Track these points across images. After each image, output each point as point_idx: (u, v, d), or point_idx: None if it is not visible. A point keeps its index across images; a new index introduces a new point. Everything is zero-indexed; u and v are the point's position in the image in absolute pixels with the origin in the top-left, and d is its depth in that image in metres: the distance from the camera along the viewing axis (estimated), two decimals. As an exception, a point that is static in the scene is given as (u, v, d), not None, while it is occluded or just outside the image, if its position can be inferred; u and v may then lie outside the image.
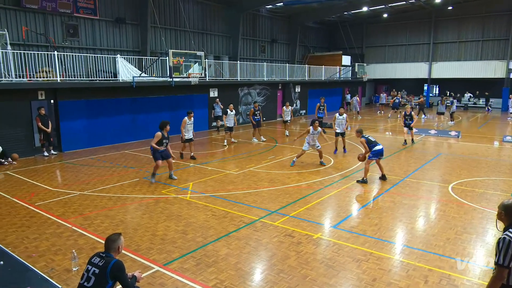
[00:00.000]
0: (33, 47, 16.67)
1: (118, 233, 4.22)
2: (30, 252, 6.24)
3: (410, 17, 34.86)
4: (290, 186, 10.11)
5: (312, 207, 8.44)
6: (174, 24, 23.02)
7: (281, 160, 13.35)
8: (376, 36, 37.43)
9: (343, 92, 34.36)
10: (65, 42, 18.05)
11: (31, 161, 13.36)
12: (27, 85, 13.77)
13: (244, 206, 8.49)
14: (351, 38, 34.11)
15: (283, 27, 32.33)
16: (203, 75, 17.91)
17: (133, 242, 6.64)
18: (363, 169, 10.80)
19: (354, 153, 14.51)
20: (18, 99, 13.60)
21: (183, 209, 8.34)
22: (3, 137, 13.18)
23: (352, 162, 12.88)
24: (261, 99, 24.92)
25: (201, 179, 10.82)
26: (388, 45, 36.94)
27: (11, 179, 10.97)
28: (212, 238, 6.80)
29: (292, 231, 7.07)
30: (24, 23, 16.53)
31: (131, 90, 16.56)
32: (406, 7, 32.77)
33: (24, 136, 13.94)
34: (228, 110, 16.25)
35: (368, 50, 38.11)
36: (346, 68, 32.90)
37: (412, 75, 35.91)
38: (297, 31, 32.56)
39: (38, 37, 17.03)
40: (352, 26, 35.37)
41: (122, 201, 8.96)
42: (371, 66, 36.66)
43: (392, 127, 22.30)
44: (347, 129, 15.25)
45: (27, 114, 14.02)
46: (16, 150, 13.48)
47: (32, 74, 14.45)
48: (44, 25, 17.25)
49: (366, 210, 8.32)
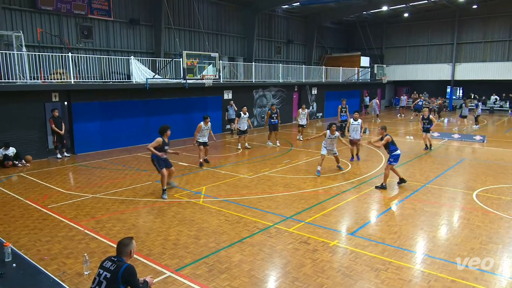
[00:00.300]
0: (47, 48, 17.08)
1: (130, 237, 4.26)
2: (42, 255, 6.36)
3: (432, 17, 34.39)
4: (306, 191, 10.06)
5: (328, 213, 8.37)
6: (188, 25, 23.27)
7: (296, 164, 13.30)
8: (396, 36, 37.05)
9: (361, 94, 34.07)
10: (79, 44, 18.44)
11: (44, 163, 13.65)
12: (41, 87, 14.10)
13: (258, 211, 8.48)
14: (370, 38, 33.83)
15: (300, 27, 32.30)
16: (217, 77, 18.01)
17: (145, 246, 6.71)
18: (382, 174, 10.67)
19: (372, 157, 14.37)
20: (32, 101, 13.93)
21: (196, 213, 8.39)
22: (17, 139, 13.51)
23: (371, 167, 12.74)
24: (277, 101, 24.91)
25: (214, 183, 10.86)
26: (409, 45, 36.50)
27: (24, 181, 11.23)
28: (225, 243, 6.81)
29: (307, 238, 7.03)
30: (39, 25, 16.96)
31: (144, 92, 16.78)
32: (428, 6, 32.34)
33: (38, 138, 14.25)
34: (241, 113, 16.11)
35: (388, 51, 37.73)
36: (364, 70, 32.63)
37: (434, 77, 35.37)
38: (314, 32, 32.47)
39: (52, 38, 17.45)
40: (371, 26, 35.09)
41: (134, 204, 9.07)
42: (391, 68, 36.26)
43: (414, 131, 21.98)
44: (365, 133, 15.00)
45: (41, 116, 14.34)
46: (29, 152, 13.79)
47: (46, 76, 14.79)
48: (59, 26, 17.66)
49: (385, 217, 8.21)
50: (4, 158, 12.89)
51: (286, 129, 22.70)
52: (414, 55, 36.43)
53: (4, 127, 13.26)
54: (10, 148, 13.02)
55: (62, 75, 14.86)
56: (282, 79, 25.18)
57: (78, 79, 15.45)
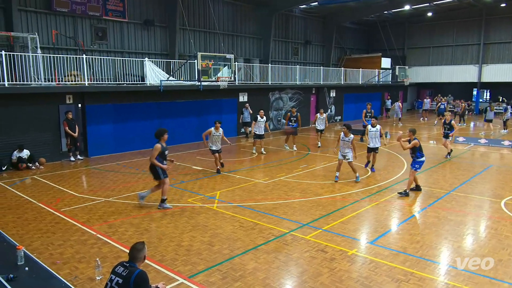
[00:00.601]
0: (62, 50, 17.48)
1: (142, 242, 4.30)
2: (55, 259, 6.48)
3: (457, 16, 33.84)
4: (324, 197, 9.99)
5: (347, 220, 8.30)
6: (204, 26, 23.48)
7: (314, 169, 13.23)
8: (419, 36, 36.58)
9: (382, 97, 33.74)
10: (94, 45, 18.82)
11: (57, 166, 13.93)
12: (56, 89, 14.43)
13: (273, 218, 8.46)
14: (391, 39, 33.50)
15: (318, 27, 32.23)
16: (232, 79, 18.11)
17: (158, 252, 6.76)
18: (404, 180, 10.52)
19: (393, 162, 14.18)
20: (46, 103, 14.26)
21: (210, 219, 8.42)
22: (31, 142, 13.83)
23: (391, 173, 12.57)
24: (293, 104, 24.86)
25: (229, 188, 10.89)
26: (433, 46, 35.99)
27: (38, 184, 11.48)
28: (239, 250, 6.81)
29: (325, 246, 6.97)
30: (54, 27, 17.38)
31: (158, 94, 16.99)
32: (453, 5, 31.84)
33: (52, 141, 14.57)
34: (258, 116, 15.96)
35: (410, 51, 37.29)
36: (385, 71, 32.31)
37: (460, 79, 34.75)
38: (333, 32, 32.36)
39: (67, 40, 17.86)
40: (392, 26, 34.76)
41: (147, 209, 9.16)
42: (414, 69, 35.80)
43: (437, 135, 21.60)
44: (386, 137, 14.61)
45: (55, 118, 14.66)
46: (43, 154, 14.11)
47: (60, 78, 15.13)
48: (74, 28, 18.07)
49: (407, 226, 8.08)
50: (18, 161, 13.22)
51: (303, 133, 22.62)
52: (438, 56, 35.90)
53: (19, 129, 13.60)
54: (24, 151, 13.35)
55: (76, 77, 15.18)
56: (299, 81, 25.14)
57: (92, 81, 15.75)
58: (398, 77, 31.29)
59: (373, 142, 12.78)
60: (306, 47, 31.51)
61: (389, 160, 14.62)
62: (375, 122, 12.98)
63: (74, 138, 14.64)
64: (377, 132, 12.76)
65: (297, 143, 17.34)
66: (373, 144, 12.79)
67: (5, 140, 13.26)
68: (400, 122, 27.05)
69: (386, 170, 13.08)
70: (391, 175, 12.28)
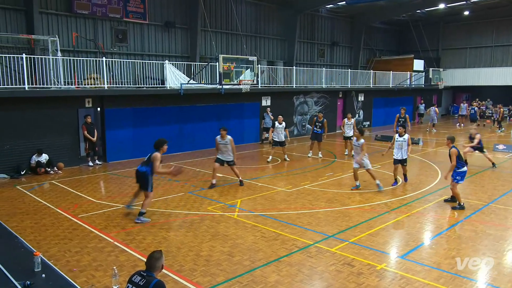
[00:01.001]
0: (82, 53, 17.99)
1: (160, 251, 4.35)
2: (72, 266, 6.62)
3: (497, 14, 32.95)
4: (351, 207, 9.87)
5: (375, 232, 8.16)
6: (226, 27, 23.72)
7: (340, 177, 13.10)
8: (455, 37, 35.84)
9: (414, 101, 33.16)
10: (114, 48, 19.29)
11: (76, 171, 14.29)
12: (75, 92, 14.87)
13: (297, 228, 8.41)
14: (424, 39, 32.93)
15: (345, 28, 32.05)
16: (255, 82, 18.18)
17: (176, 261, 6.82)
18: (438, 190, 10.28)
19: (426, 170, 13.89)
20: (65, 106, 14.68)
21: (230, 228, 8.44)
22: (50, 146, 14.25)
23: (424, 182, 12.31)
24: (319, 108, 24.73)
25: (250, 196, 10.90)
26: (470, 47, 35.18)
27: (56, 189, 11.81)
28: (260, 262, 6.79)
29: (351, 259, 6.88)
30: (75, 29, 17.92)
31: (178, 97, 17.22)
32: (493, 3, 31.01)
33: (70, 145, 14.97)
34: (276, 123, 15.79)
35: (445, 53, 36.57)
36: (418, 74, 31.78)
37: (500, 82, 33.76)
38: (361, 33, 32.10)
39: (87, 43, 18.37)
40: (426, 25, 34.18)
41: (165, 216, 9.27)
42: (449, 72, 35.03)
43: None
44: (418, 144, 14.23)
45: (74, 122, 15.07)
46: (61, 159, 14.50)
47: (80, 81, 15.56)
48: (94, 30, 18.58)
49: (441, 240, 7.88)
50: (37, 165, 13.63)
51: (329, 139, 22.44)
52: (475, 57, 35.05)
53: (38, 133, 14.04)
54: (43, 155, 13.76)
55: (95, 80, 15.57)
56: (325, 85, 25.02)
57: (111, 84, 16.12)
58: (432, 80, 30.69)
59: (400, 154, 11.85)
60: (333, 48, 31.35)
61: (422, 169, 14.32)
62: (402, 131, 12.00)
63: (92, 143, 15.00)
64: (405, 143, 11.84)
65: (323, 150, 17.20)
66: (400, 156, 11.86)
67: (24, 144, 13.71)
68: (434, 129, 26.47)
69: (418, 179, 12.82)
70: (424, 185, 12.02)
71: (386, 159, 15.64)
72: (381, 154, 12.39)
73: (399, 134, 12.00)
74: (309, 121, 23.84)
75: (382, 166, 14.65)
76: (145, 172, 8.87)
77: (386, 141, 20.05)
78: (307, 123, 24.15)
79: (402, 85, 30.47)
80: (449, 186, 10.15)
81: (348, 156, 16.87)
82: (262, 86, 21.30)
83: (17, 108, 13.49)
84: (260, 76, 20.93)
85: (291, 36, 26.99)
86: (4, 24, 15.99)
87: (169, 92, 17.00)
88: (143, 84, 16.92)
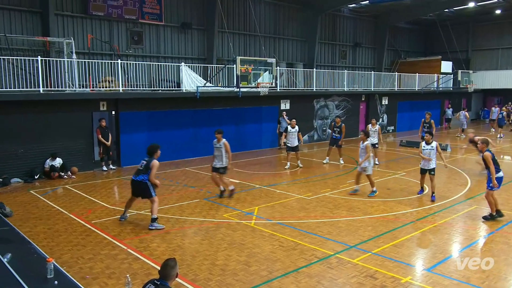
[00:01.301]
0: (97, 55, 18.35)
1: (174, 259, 4.37)
2: (84, 273, 6.72)
3: (531, 13, 32.30)
4: (374, 216, 9.75)
5: (400, 243, 8.04)
6: (243, 28, 23.86)
7: (362, 185, 12.95)
8: (485, 37, 35.23)
9: (441, 105, 32.67)
10: (129, 50, 19.62)
11: (89, 176, 14.53)
12: (90, 96, 15.14)
13: (317, 238, 8.36)
14: (453, 40, 32.44)
15: (369, 28, 31.85)
16: (273, 85, 18.20)
17: (191, 270, 6.84)
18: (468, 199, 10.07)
19: (455, 179, 13.63)
20: (80, 110, 14.97)
21: (247, 236, 8.44)
22: (64, 150, 14.54)
23: (453, 191, 12.07)
24: (341, 112, 24.59)
25: (268, 204, 10.88)
26: (502, 47, 34.50)
27: (69, 194, 12.02)
28: (278, 272, 6.76)
29: (374, 271, 6.79)
30: (90, 31, 18.31)
31: (194, 101, 17.37)
32: (527, 1, 30.44)
33: (84, 149, 15.24)
34: (289, 127, 15.72)
35: (475, 54, 35.97)
36: (446, 76, 31.31)
37: (535, 85, 33.01)
38: (386, 33, 31.86)
39: (102, 45, 18.73)
40: (454, 25, 33.71)
41: (180, 223, 9.33)
42: (479, 74, 34.38)
43: (508, 149, 20.55)
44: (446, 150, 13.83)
45: (88, 126, 15.34)
46: (75, 163, 14.77)
47: (95, 84, 15.86)
48: (109, 32, 18.94)
49: (470, 252, 7.70)
50: (51, 169, 13.91)
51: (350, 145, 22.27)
52: (508, 58, 34.34)
53: (51, 136, 14.33)
54: (56, 159, 14.04)
55: (110, 83, 15.84)
56: (347, 87, 24.87)
57: (126, 87, 16.37)
58: (461, 82, 30.17)
59: (428, 163, 11.33)
60: (355, 50, 31.18)
61: (450, 177, 14.06)
62: (429, 138, 11.37)
63: (107, 147, 15.23)
64: (433, 151, 11.25)
65: (344, 156, 17.06)
66: (428, 165, 11.32)
67: (37, 148, 14.02)
68: (464, 134, 25.96)
69: (446, 187, 12.59)
70: (452, 194, 11.79)
71: (411, 166, 15.45)
72: (444, 165, 11.83)
73: (426, 141, 11.48)
74: (329, 126, 23.72)
75: (407, 173, 14.45)
76: (143, 181, 8.91)
77: (412, 147, 19.79)
78: (328, 128, 24.03)
79: (429, 88, 30.06)
80: (483, 194, 9.91)
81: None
82: (281, 89, 21.31)
83: (32, 111, 13.81)
84: (279, 79, 20.95)
85: (311, 37, 26.97)
86: (20, 27, 16.47)
87: (185, 95, 17.16)
88: (158, 87, 17.13)
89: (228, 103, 19.04)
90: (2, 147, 13.29)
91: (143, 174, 8.89)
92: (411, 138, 22.47)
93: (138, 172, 9.00)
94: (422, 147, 11.47)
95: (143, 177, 8.88)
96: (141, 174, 8.91)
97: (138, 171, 9.01)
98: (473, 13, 33.35)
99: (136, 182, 8.99)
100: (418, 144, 16.16)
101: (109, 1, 18.38)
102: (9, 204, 10.31)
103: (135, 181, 9.00)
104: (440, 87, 30.94)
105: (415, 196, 11.53)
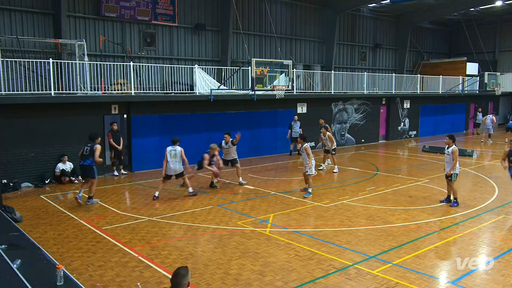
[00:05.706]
0: (109, 57, 18.60)
1: (186, 267, 4.38)
2: (94, 281, 6.79)
3: None
4: (395, 225, 9.64)
5: (423, 254, 7.93)
6: (259, 29, 23.94)
7: (383, 192, 12.84)
8: (514, 37, 34.72)
9: (467, 109, 32.21)
10: (141, 52, 19.85)
11: (100, 181, 14.65)
12: (101, 99, 15.33)
13: (334, 247, 8.30)
14: (479, 40, 32.04)
15: (389, 29, 31.67)
16: (290, 88, 18.17)
17: (203, 279, 6.86)
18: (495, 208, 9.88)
19: (481, 186, 13.40)
20: (91, 113, 15.15)
21: (261, 245, 8.42)
22: (74, 154, 14.69)
23: (479, 199, 11.86)
24: (360, 116, 24.43)
25: (284, 211, 10.85)
26: (532, 48, 33.95)
27: (80, 199, 12.18)
28: (294, 283, 6.73)
29: (395, 283, 6.70)
30: (102, 33, 18.59)
31: (208, 104, 17.44)
32: (558, -1, 29.90)
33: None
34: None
35: (503, 55, 35.47)
36: (472, 79, 30.89)
37: None
38: (407, 34, 31.64)
39: (114, 47, 19.00)
40: (481, 25, 33.32)
41: (192, 231, 9.36)
42: (507, 76, 33.81)
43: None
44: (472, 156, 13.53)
45: (99, 130, 15.44)
46: (86, 168, 14.94)
47: (106, 87, 16.06)
48: (122, 34, 19.21)
49: (498, 264, 7.55)
50: (61, 174, 14.12)
51: (370, 150, 22.12)
52: (538, 60, 33.76)
53: (62, 140, 14.52)
54: (67, 163, 14.24)
55: (122, 86, 16.02)
56: (367, 90, 24.71)
57: (138, 90, 16.54)
58: (488, 85, 29.71)
59: (448, 168, 11.07)
60: (376, 51, 31.00)
61: (476, 185, 13.83)
62: (449, 142, 11.08)
63: (118, 151, 15.39)
64: (449, 156, 11.05)
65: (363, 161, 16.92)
66: (446, 170, 11.12)
67: (48, 152, 14.22)
68: (490, 139, 25.54)
69: (472, 195, 12.38)
70: (478, 202, 11.58)
71: (435, 172, 15.25)
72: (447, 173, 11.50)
73: (448, 145, 11.23)
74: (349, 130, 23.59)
75: (431, 180, 14.27)
76: (90, 164, 11.10)
77: (435, 152, 19.56)
78: (346, 132, 23.90)
79: (454, 91, 29.67)
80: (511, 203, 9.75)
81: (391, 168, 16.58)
82: (297, 92, 21.28)
83: (43, 114, 14.03)
84: (296, 81, 20.93)
85: (329, 38, 26.91)
86: (32, 28, 16.82)
87: (199, 98, 17.26)
88: (171, 90, 17.26)
89: (243, 107, 19.09)
90: (13, 151, 13.53)
91: (89, 158, 10.96)
92: (435, 143, 22.22)
93: (84, 157, 11.07)
94: (445, 152, 11.37)
95: (90, 161, 10.96)
96: (87, 158, 10.98)
97: (84, 156, 11.09)
98: (500, 13, 32.91)
99: (84, 166, 11.15)
100: (442, 149, 16.00)
101: (122, 2, 18.65)
102: (19, 209, 10.51)
103: (83, 165, 11.16)
104: (466, 90, 30.52)
105: (439, 205, 11.37)
